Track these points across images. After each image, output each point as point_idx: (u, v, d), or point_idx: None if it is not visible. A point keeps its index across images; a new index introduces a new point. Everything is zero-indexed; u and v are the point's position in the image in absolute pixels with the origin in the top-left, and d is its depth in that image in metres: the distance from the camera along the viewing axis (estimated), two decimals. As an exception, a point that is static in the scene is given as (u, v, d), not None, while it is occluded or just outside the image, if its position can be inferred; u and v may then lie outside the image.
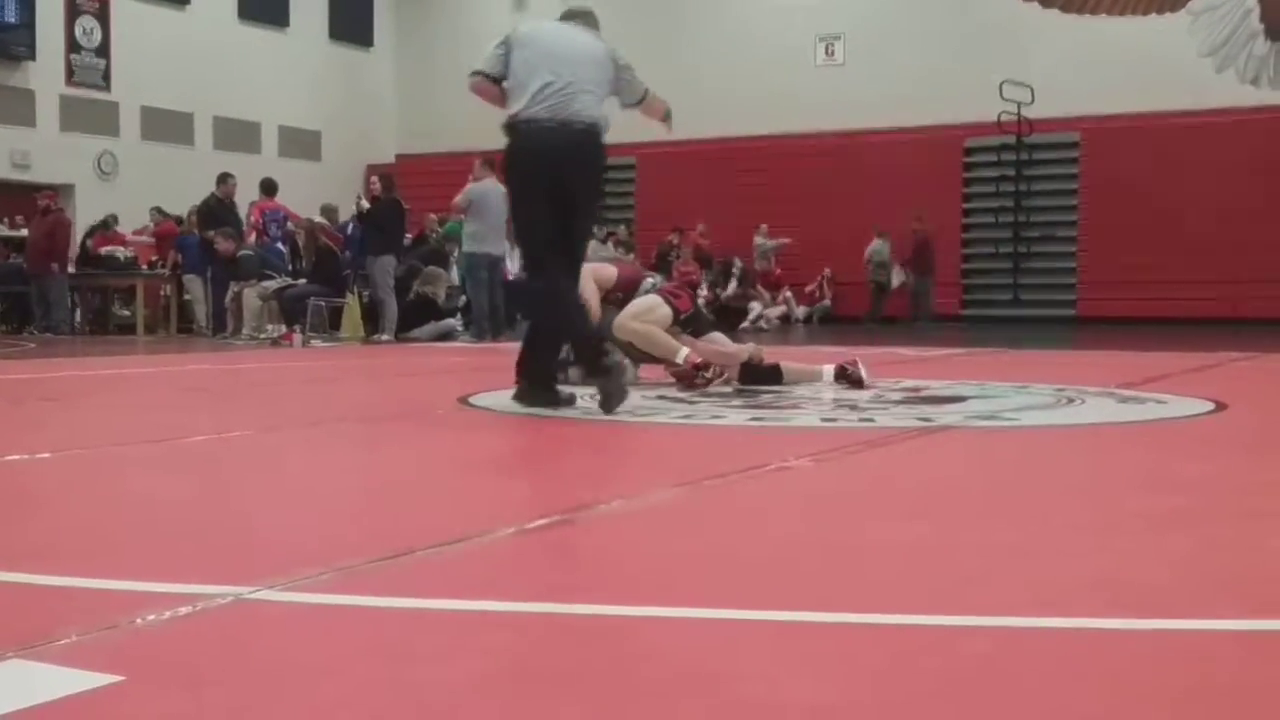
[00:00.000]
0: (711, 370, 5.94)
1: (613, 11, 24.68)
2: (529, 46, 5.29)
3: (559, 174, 5.19)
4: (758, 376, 6.07)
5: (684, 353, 5.98)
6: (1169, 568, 2.37)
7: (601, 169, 5.48)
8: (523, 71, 5.24)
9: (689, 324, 6.29)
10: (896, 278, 18.99)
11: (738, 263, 19.55)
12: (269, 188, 15.28)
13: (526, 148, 5.23)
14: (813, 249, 19.70)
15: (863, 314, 19.27)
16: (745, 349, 6.24)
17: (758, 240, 19.80)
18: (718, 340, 6.33)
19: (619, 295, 6.53)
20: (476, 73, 5.38)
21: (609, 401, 4.99)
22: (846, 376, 6.03)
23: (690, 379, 5.97)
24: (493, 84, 5.35)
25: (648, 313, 6.11)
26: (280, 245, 14.94)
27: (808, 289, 19.85)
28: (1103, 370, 7.00)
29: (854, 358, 6.15)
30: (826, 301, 19.74)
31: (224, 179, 15.13)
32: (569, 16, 5.61)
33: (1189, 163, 17.68)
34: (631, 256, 18.45)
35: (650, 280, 6.53)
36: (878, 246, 19.06)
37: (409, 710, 1.57)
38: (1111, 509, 3.05)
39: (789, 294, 19.77)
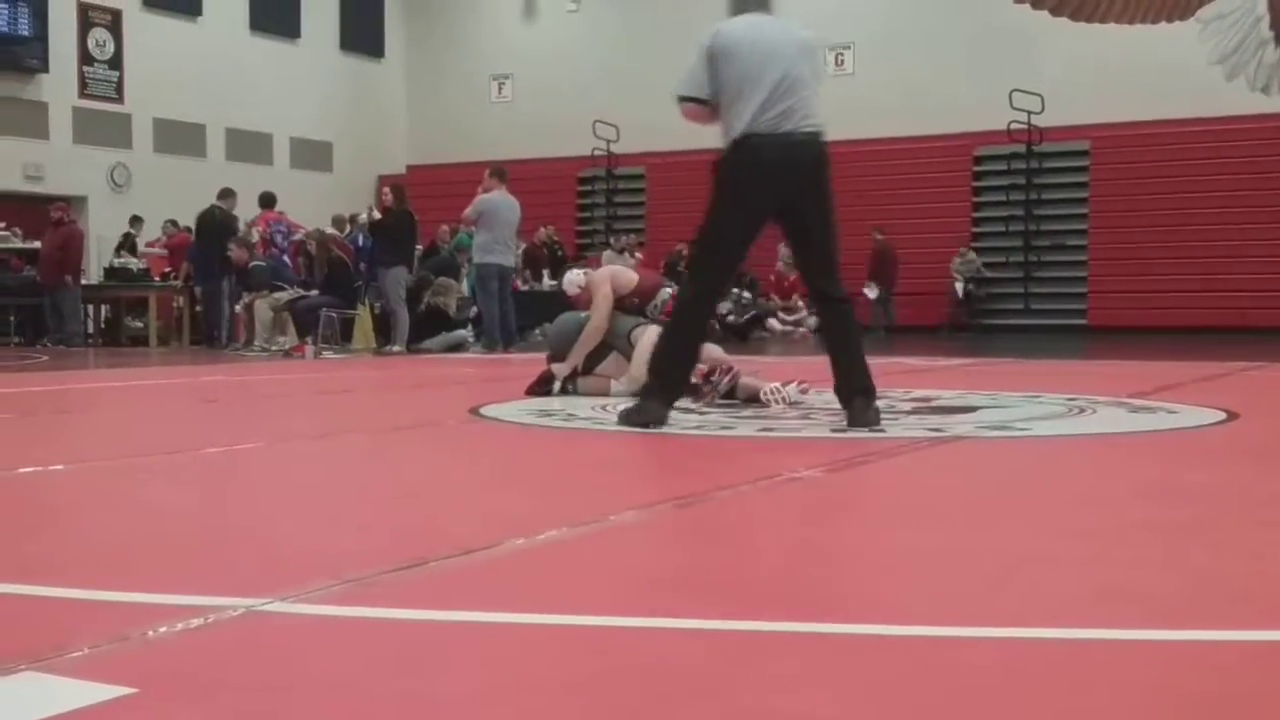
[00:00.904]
0: (716, 375, 5.88)
1: (620, 23, 24.73)
2: (737, 56, 4.92)
3: (787, 191, 4.94)
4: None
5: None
6: (1179, 578, 2.37)
7: (830, 176, 5.06)
8: (737, 82, 4.89)
9: None
10: (871, 290, 18.93)
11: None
12: (268, 200, 15.38)
13: (754, 164, 4.89)
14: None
15: (878, 324, 19.23)
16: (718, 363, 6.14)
17: (785, 249, 19.66)
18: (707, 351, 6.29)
19: (635, 301, 6.51)
20: (685, 99, 5.03)
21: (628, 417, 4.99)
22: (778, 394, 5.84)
23: (698, 391, 5.91)
24: (703, 106, 5.03)
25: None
26: (286, 257, 14.98)
27: None
28: (1114, 380, 6.99)
29: (799, 379, 5.96)
30: None
31: (228, 194, 15.24)
32: (746, 6, 5.17)
33: (1199, 171, 17.63)
34: (635, 260, 18.44)
35: (666, 291, 6.50)
36: (969, 258, 18.86)
37: (419, 722, 1.58)
38: (1122, 519, 3.05)
39: (801, 303, 19.72)
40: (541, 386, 6.58)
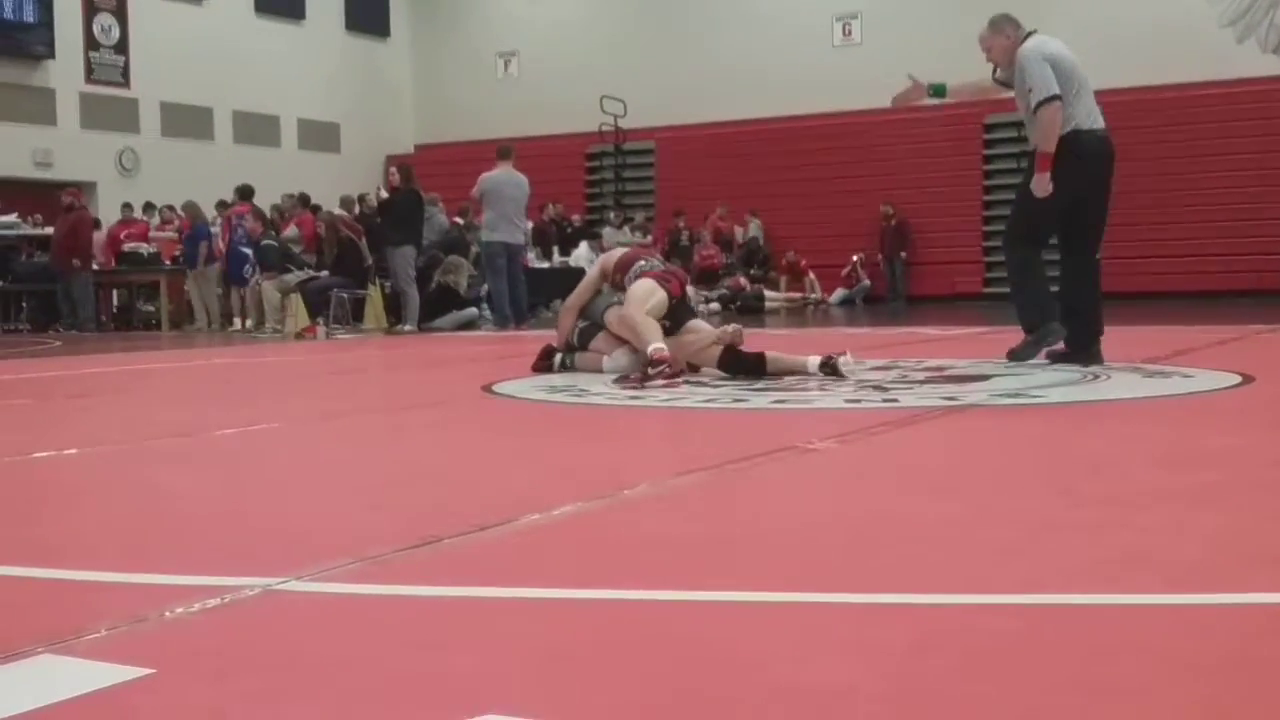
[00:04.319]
0: (661, 369, 5.67)
1: (629, -5, 24.33)
2: (1063, 68, 5.93)
3: (1099, 174, 6.00)
4: (740, 366, 5.82)
5: (654, 345, 5.75)
6: (1196, 542, 2.36)
7: None
8: (1067, 87, 5.90)
9: (673, 313, 6.13)
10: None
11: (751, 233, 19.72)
12: (246, 193, 15.72)
13: (1081, 154, 5.88)
14: (835, 229, 19.63)
15: (886, 294, 19.27)
16: (719, 332, 6.03)
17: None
18: (695, 329, 6.14)
19: (619, 278, 6.47)
20: (1055, 97, 5.87)
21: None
22: (830, 367, 5.66)
23: (638, 377, 5.70)
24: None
25: (648, 297, 6.03)
26: (244, 249, 15.09)
27: (844, 272, 19.75)
28: (1127, 345, 6.95)
29: (842, 349, 5.86)
30: (866, 282, 19.66)
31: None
32: (1024, 28, 6.31)
33: (1210, 134, 17.52)
34: (649, 239, 18.44)
35: (641, 262, 6.41)
36: None
37: (438, 697, 1.57)
38: (1139, 484, 3.03)
39: (813, 278, 19.68)
40: (544, 360, 6.63)
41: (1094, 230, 6.08)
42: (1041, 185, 5.92)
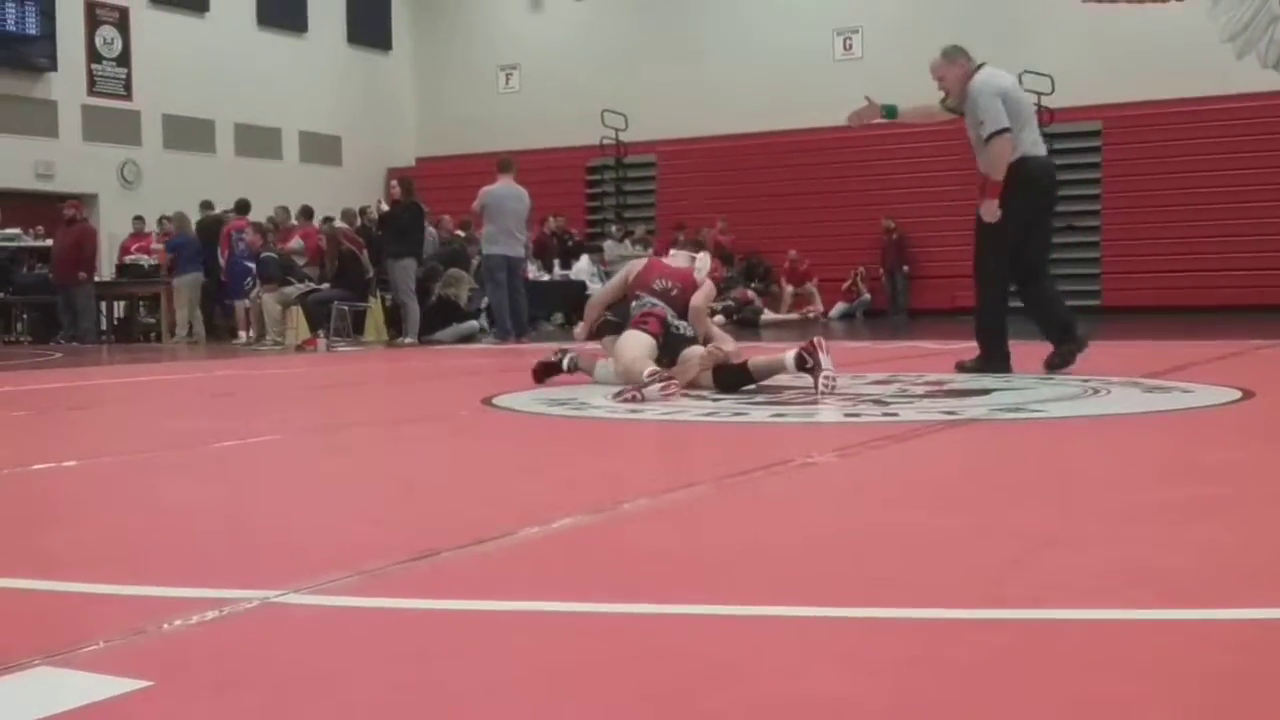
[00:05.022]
0: (655, 374, 5.74)
1: (627, 10, 24.60)
2: (1012, 99, 6.46)
3: (1049, 197, 6.60)
4: (732, 382, 5.85)
5: (647, 371, 5.82)
6: (1197, 557, 2.36)
7: None
8: (1013, 119, 6.37)
9: (664, 349, 6.14)
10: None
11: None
12: (242, 207, 16.02)
13: (1031, 181, 6.36)
14: (836, 243, 19.64)
15: (887, 307, 19.31)
16: (705, 358, 6.03)
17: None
18: (685, 358, 6.09)
19: (638, 294, 6.51)
20: (1005, 130, 6.31)
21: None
22: (804, 367, 5.60)
23: (637, 387, 5.68)
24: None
25: (637, 347, 6.12)
26: (248, 263, 15.25)
27: (844, 286, 19.76)
28: (1128, 360, 6.96)
29: (818, 339, 5.68)
30: (866, 296, 19.67)
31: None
32: (975, 60, 6.68)
33: (1211, 149, 17.53)
34: (650, 252, 18.44)
35: (634, 304, 6.47)
36: None
37: (435, 712, 1.57)
38: (1139, 499, 3.03)
39: (815, 283, 19.69)
40: (553, 359, 6.68)
41: (1041, 248, 6.59)
42: (989, 211, 6.34)
